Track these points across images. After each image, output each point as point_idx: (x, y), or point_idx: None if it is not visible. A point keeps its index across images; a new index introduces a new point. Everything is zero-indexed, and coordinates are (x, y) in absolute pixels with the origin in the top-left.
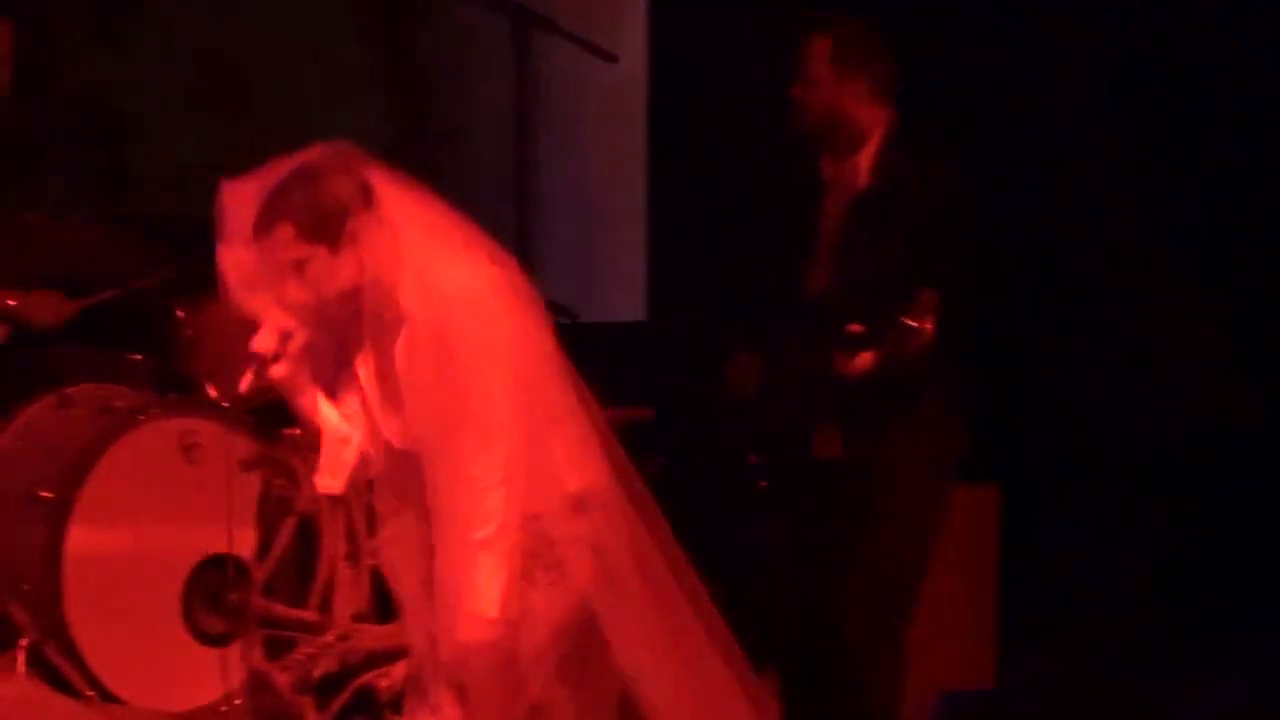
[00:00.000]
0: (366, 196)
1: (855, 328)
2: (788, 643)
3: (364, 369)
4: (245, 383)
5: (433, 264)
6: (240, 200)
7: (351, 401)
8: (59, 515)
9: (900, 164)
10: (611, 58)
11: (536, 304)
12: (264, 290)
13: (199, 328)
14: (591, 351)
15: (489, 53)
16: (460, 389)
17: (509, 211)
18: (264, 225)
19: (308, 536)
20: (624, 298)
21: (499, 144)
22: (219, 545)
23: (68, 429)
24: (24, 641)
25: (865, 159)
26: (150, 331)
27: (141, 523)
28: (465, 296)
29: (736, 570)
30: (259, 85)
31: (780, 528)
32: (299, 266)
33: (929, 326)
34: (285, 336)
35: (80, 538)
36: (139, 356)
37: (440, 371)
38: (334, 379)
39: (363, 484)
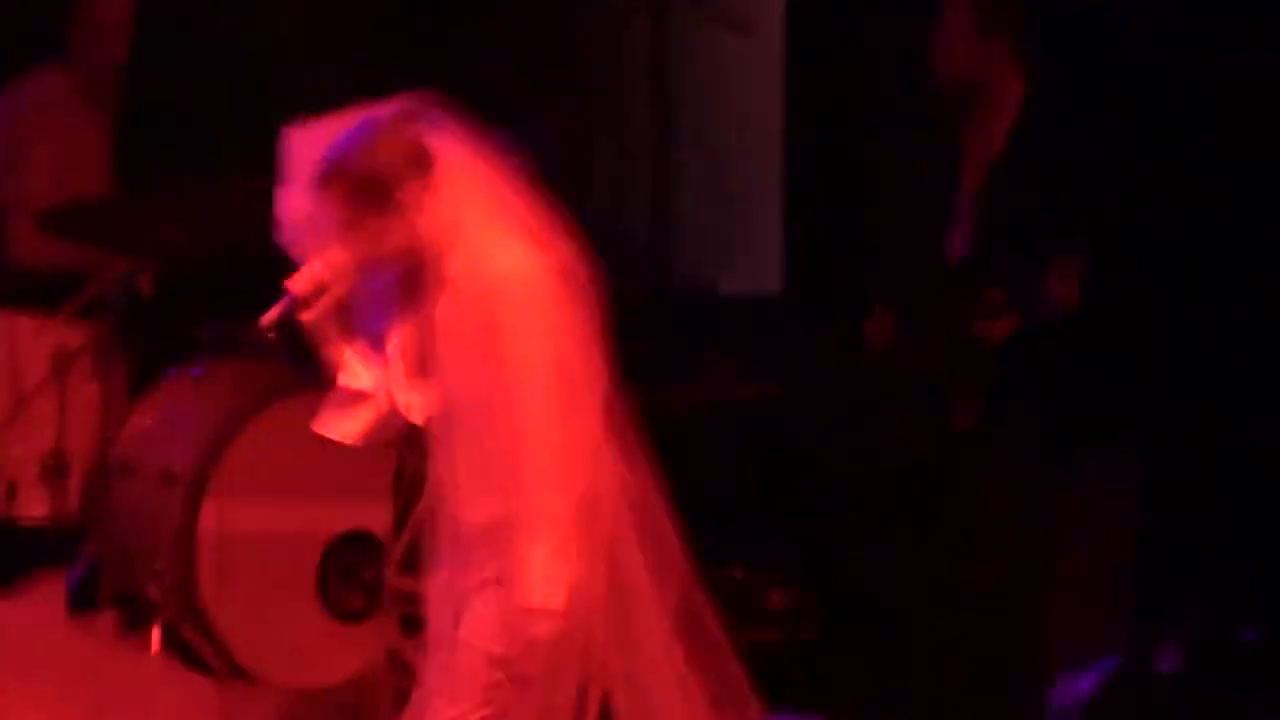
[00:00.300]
0: (423, 163)
1: (996, 294)
2: (920, 617)
3: (396, 337)
4: (269, 317)
5: (485, 239)
6: (305, 147)
7: (382, 361)
8: (194, 493)
9: (1040, 128)
10: (747, 30)
11: (586, 293)
12: (313, 240)
13: None
14: (727, 324)
15: (626, 25)
16: (500, 371)
17: (647, 184)
18: (320, 179)
19: None
20: (761, 269)
21: (636, 116)
22: (354, 522)
23: (203, 406)
24: (159, 620)
25: (1004, 122)
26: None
27: (276, 500)
28: (512, 277)
29: (872, 547)
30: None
31: (913, 501)
32: (346, 226)
33: (1072, 293)
34: (322, 286)
35: (215, 515)
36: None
37: (480, 348)
38: (373, 336)
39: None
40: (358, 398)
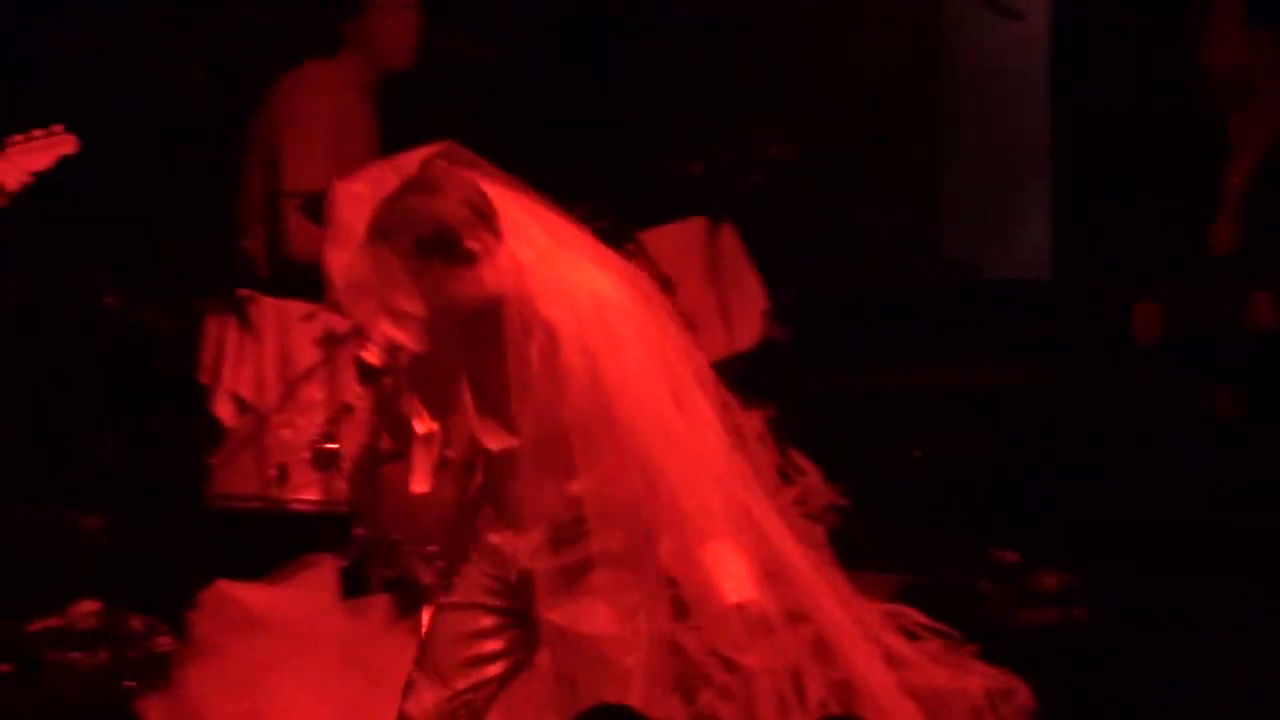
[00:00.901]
0: (487, 209)
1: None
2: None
3: (465, 374)
4: (364, 400)
5: (568, 273)
6: (352, 202)
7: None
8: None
9: None
10: (1016, 15)
11: (663, 304)
12: (372, 297)
13: None
14: (993, 309)
15: (896, 10)
16: (619, 387)
17: (913, 167)
18: (382, 234)
19: None
20: (1029, 255)
21: (906, 101)
22: None
23: None
24: (431, 604)
25: (1276, 118)
26: None
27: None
28: (609, 301)
29: (1141, 532)
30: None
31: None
32: (412, 278)
33: None
34: (395, 351)
35: None
36: None
37: (593, 371)
38: (433, 377)
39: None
40: (429, 440)
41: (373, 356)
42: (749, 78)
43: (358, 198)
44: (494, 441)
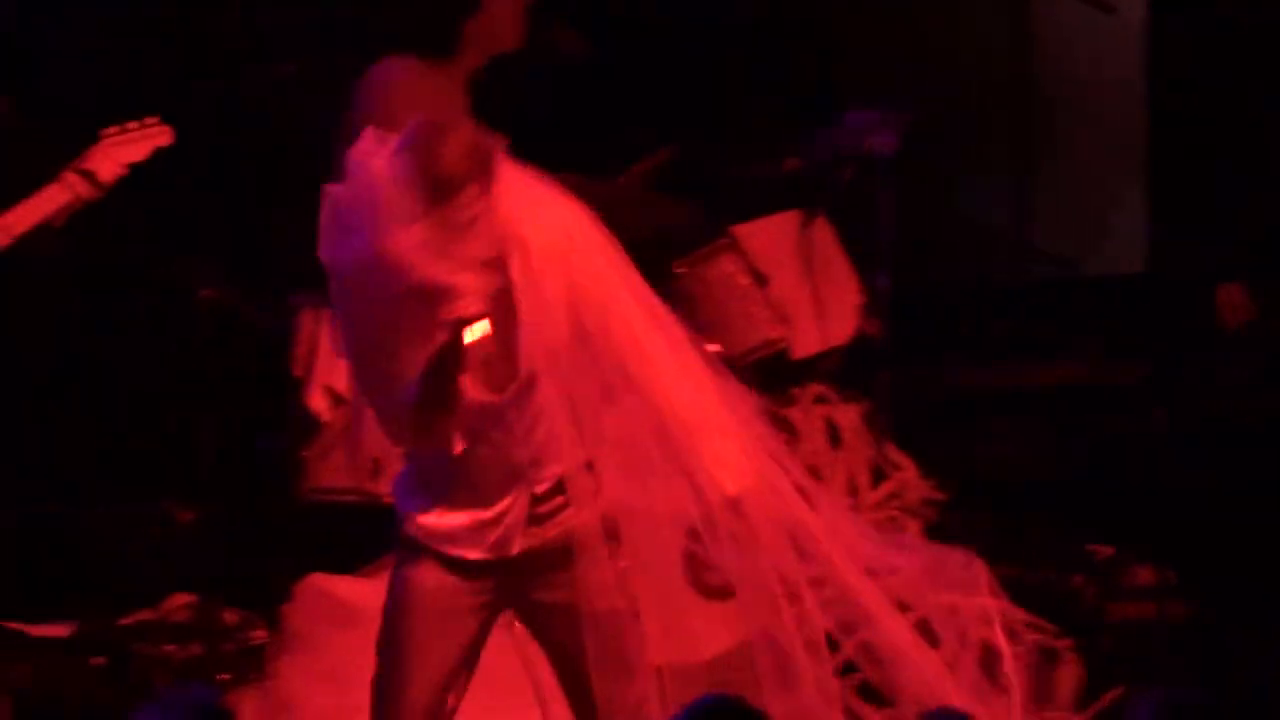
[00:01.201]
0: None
1: None
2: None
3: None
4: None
5: (529, 199)
6: (396, 178)
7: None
8: None
9: None
10: (1108, 8)
11: (617, 244)
12: (450, 258)
13: (697, 283)
14: (1090, 305)
15: (987, 5)
16: (592, 306)
17: (1008, 161)
18: (449, 189)
19: None
20: (1125, 250)
21: (998, 95)
22: None
23: None
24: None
25: None
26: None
27: (650, 476)
28: (569, 226)
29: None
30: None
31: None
32: (482, 219)
33: None
34: (489, 296)
35: None
36: None
37: (570, 294)
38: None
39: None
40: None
41: (474, 305)
42: (843, 76)
43: (390, 172)
44: (483, 394)
